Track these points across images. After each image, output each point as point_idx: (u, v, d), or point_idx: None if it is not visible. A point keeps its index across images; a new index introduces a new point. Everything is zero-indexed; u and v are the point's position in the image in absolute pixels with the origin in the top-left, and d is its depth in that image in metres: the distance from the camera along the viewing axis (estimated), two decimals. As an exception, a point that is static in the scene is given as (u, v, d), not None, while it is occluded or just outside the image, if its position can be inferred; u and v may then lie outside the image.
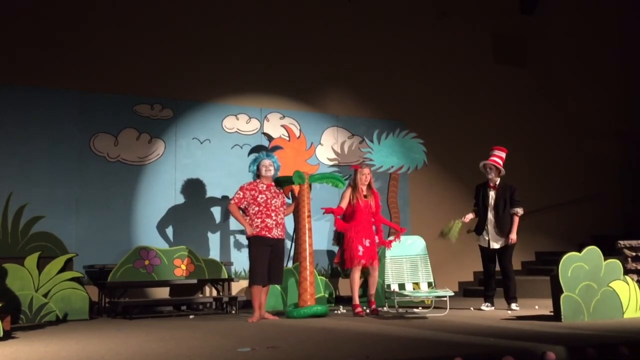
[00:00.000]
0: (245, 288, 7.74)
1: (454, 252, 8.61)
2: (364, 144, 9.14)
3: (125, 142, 7.89)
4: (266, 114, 8.74)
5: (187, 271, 7.26)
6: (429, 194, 9.58)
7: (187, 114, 8.29)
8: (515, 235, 6.87)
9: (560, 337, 4.52)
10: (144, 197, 7.90)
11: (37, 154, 7.45)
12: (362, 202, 6.66)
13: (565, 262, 5.69)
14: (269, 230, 6.25)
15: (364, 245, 6.58)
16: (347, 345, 4.25)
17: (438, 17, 10.14)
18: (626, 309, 5.85)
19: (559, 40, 11.11)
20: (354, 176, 6.77)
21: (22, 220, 7.27)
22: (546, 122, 10.80)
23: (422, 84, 9.92)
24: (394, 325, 5.53)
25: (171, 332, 5.30)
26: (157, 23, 8.35)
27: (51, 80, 7.64)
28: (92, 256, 7.30)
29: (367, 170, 6.79)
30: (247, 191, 6.34)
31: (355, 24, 9.57)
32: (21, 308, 6.18)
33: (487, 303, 6.99)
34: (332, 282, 8.23)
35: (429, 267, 7.11)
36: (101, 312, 7.06)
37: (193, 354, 3.98)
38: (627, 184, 11.12)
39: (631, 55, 11.45)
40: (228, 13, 8.78)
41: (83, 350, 4.32)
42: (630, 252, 6.59)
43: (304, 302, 6.40)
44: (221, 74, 8.58)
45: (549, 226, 10.28)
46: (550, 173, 10.62)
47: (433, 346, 4.19)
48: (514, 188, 6.98)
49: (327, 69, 9.26)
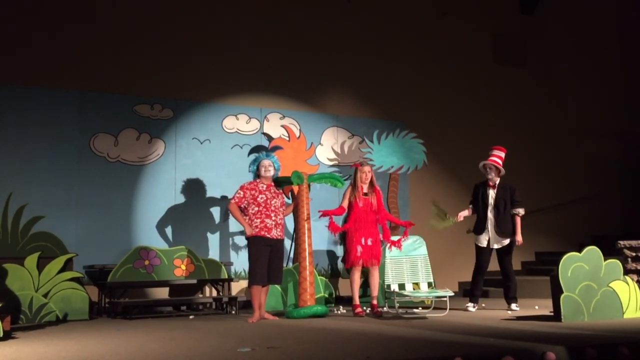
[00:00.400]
0: (245, 288, 7.74)
1: (454, 253, 8.62)
2: (364, 144, 9.14)
3: (125, 142, 7.89)
4: (266, 114, 8.74)
5: (187, 271, 7.26)
6: (429, 194, 9.53)
7: (187, 114, 8.29)
8: (521, 237, 6.87)
9: (560, 337, 4.52)
10: (144, 197, 7.89)
11: (37, 154, 7.44)
12: (362, 201, 6.65)
13: (565, 262, 5.69)
14: (268, 230, 6.25)
15: (363, 245, 6.57)
16: (347, 346, 4.25)
17: (438, 17, 10.14)
18: (626, 309, 5.85)
19: (559, 40, 11.11)
20: (354, 174, 6.77)
21: (22, 220, 7.27)
22: (546, 122, 10.79)
23: (422, 84, 9.91)
24: (394, 326, 5.53)
25: (171, 332, 5.30)
26: (157, 23, 8.34)
27: (51, 80, 7.63)
28: (92, 256, 7.30)
29: (368, 169, 6.77)
30: (247, 190, 6.34)
31: (355, 24, 9.57)
32: (21, 308, 6.17)
33: (473, 303, 6.97)
34: (332, 282, 8.23)
35: (429, 268, 7.11)
36: (101, 312, 7.06)
37: (193, 354, 3.98)
38: (627, 184, 11.12)
39: (631, 55, 11.44)
40: (228, 13, 8.78)
41: (83, 350, 4.32)
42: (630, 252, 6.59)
43: (303, 302, 6.40)
44: (221, 74, 8.58)
45: (548, 226, 10.27)
46: (550, 173, 10.62)
47: (433, 346, 4.19)
48: (514, 188, 6.97)
49: (327, 69, 9.26)
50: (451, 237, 7.43)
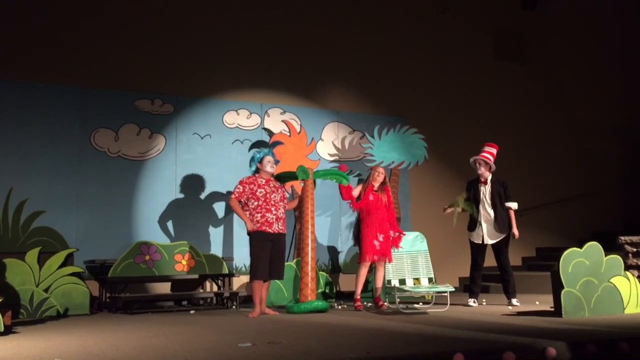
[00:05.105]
0: (246, 283, 7.75)
1: (454, 248, 8.61)
2: (365, 139, 9.11)
3: (126, 137, 7.89)
4: (267, 110, 8.73)
5: (188, 266, 7.26)
6: (430, 190, 9.58)
7: (188, 109, 8.28)
8: (517, 230, 6.91)
9: (561, 332, 4.52)
10: (144, 193, 7.89)
11: (37, 150, 7.44)
12: (373, 196, 6.82)
13: (566, 258, 5.69)
14: (269, 225, 6.24)
15: (379, 240, 6.66)
16: (347, 341, 4.25)
17: (439, 13, 10.11)
18: (627, 304, 5.86)
19: (560, 36, 11.08)
20: (370, 173, 7.05)
21: (23, 215, 7.28)
22: (547, 118, 10.78)
23: (423, 79, 9.90)
24: (394, 321, 5.53)
25: (172, 327, 5.31)
26: (157, 18, 8.33)
27: (52, 76, 7.63)
28: (92, 251, 7.31)
29: (382, 170, 7.06)
30: (246, 185, 6.34)
31: (356, 18, 9.55)
32: (22, 303, 6.18)
33: (474, 299, 7.00)
34: (333, 277, 8.23)
35: (429, 263, 7.11)
36: (102, 307, 7.06)
37: (193, 349, 3.99)
38: (627, 180, 11.12)
39: (632, 51, 11.42)
40: (228, 8, 8.76)
41: (84, 345, 4.32)
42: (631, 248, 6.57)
43: (304, 298, 6.41)
44: (222, 69, 8.56)
45: (549, 222, 10.28)
46: (551, 169, 10.61)
47: (434, 342, 4.19)
48: (506, 184, 7.03)
49: (328, 64, 9.24)
50: (452, 233, 7.42)
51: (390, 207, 6.94)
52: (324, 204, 8.59)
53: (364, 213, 6.82)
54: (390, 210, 6.92)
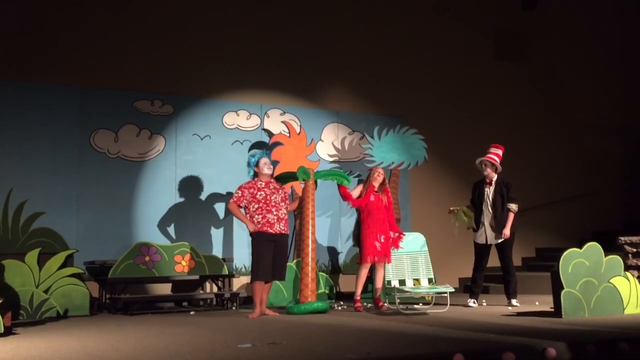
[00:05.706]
0: (246, 284, 7.75)
1: (454, 249, 8.61)
2: (365, 140, 9.12)
3: (126, 138, 7.89)
4: (266, 110, 8.72)
5: (188, 267, 7.26)
6: (430, 190, 9.58)
7: (188, 110, 8.28)
8: (508, 231, 6.85)
9: (560, 333, 4.52)
10: (144, 193, 7.89)
11: (37, 150, 7.44)
12: (374, 196, 6.86)
13: (565, 258, 5.69)
14: (270, 225, 6.24)
15: (380, 241, 6.67)
16: (347, 342, 4.25)
17: (439, 13, 10.11)
18: (627, 305, 5.86)
19: (560, 36, 11.08)
20: (369, 174, 7.06)
21: (23, 216, 7.27)
22: (547, 117, 10.78)
23: (423, 79, 9.90)
24: (394, 322, 5.53)
25: (172, 328, 5.31)
26: (158, 19, 8.33)
27: (51, 77, 7.63)
28: (92, 252, 7.31)
29: (382, 170, 7.09)
30: (245, 190, 6.33)
31: (355, 19, 9.55)
32: (22, 304, 6.18)
33: (474, 299, 7.00)
34: (333, 278, 8.23)
35: (429, 264, 7.11)
36: (102, 308, 7.06)
37: (194, 350, 3.99)
38: (627, 180, 11.11)
39: (632, 51, 11.42)
40: (228, 9, 8.76)
41: (83, 346, 4.32)
42: (631, 248, 6.57)
43: (304, 298, 6.41)
44: (221, 70, 8.56)
45: (549, 222, 10.28)
46: (551, 169, 10.61)
47: (434, 342, 4.19)
48: (509, 185, 7.00)
49: (328, 65, 9.24)
50: (452, 234, 7.42)
51: (390, 207, 6.96)
52: (324, 205, 8.59)
53: (365, 214, 6.82)
54: (389, 211, 6.94)
